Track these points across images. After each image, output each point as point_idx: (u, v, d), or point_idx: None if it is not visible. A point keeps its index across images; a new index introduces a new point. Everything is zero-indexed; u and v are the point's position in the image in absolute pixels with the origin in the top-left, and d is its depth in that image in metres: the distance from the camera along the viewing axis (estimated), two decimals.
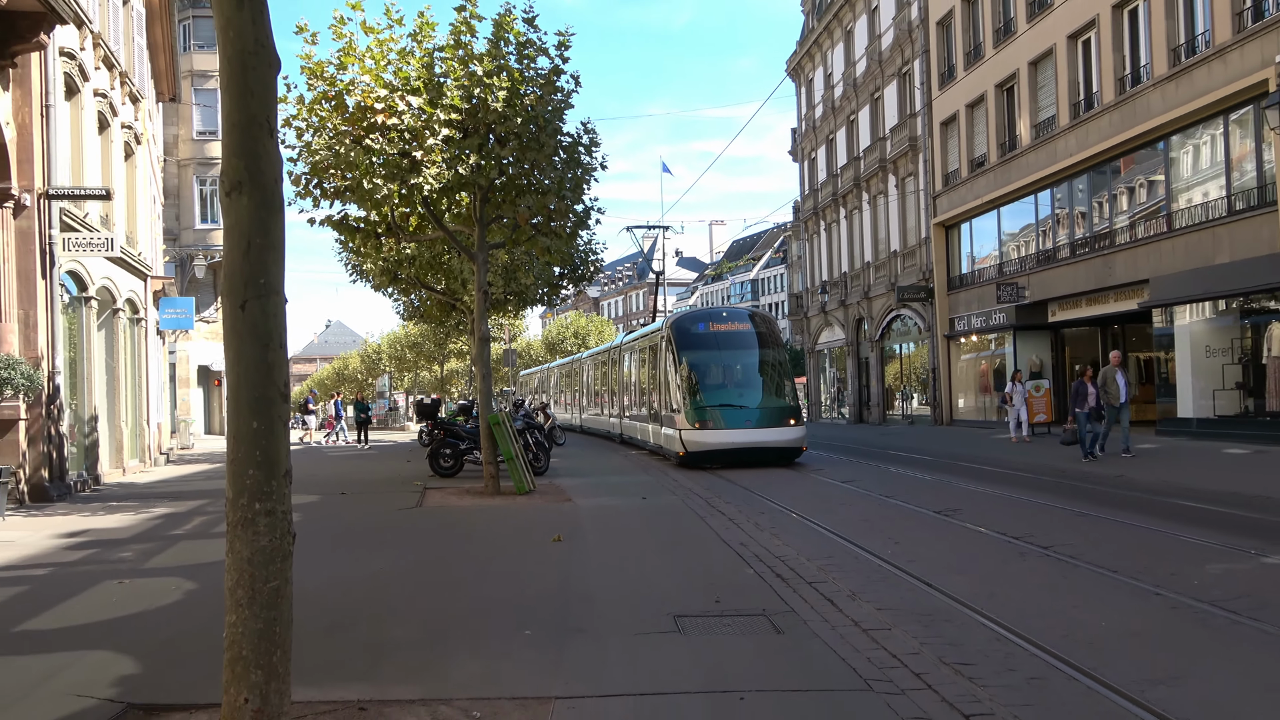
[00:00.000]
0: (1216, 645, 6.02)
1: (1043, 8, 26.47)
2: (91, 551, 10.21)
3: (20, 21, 14.10)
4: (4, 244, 14.90)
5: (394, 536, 10.97)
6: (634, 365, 26.48)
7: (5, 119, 14.71)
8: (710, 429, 18.88)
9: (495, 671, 5.47)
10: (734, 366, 20.59)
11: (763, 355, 20.57)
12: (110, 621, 6.94)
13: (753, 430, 18.84)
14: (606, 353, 32.31)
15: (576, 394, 40.29)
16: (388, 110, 13.36)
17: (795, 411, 19.97)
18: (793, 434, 19.29)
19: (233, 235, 3.56)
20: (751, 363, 20.56)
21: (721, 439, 18.83)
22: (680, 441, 19.29)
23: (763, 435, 18.89)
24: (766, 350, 20.71)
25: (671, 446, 20.14)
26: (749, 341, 20.73)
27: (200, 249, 38.15)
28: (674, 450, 19.82)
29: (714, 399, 19.41)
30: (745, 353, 20.64)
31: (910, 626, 6.47)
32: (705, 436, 18.88)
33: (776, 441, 19.06)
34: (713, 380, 20.22)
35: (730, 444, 18.76)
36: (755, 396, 19.83)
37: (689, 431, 19.00)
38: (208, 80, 38.08)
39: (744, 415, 19.13)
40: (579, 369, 39.77)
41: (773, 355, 20.86)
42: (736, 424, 18.90)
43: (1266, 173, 18.83)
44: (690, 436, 19.01)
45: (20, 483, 14.71)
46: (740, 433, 18.77)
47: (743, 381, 20.31)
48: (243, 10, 3.53)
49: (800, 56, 46.80)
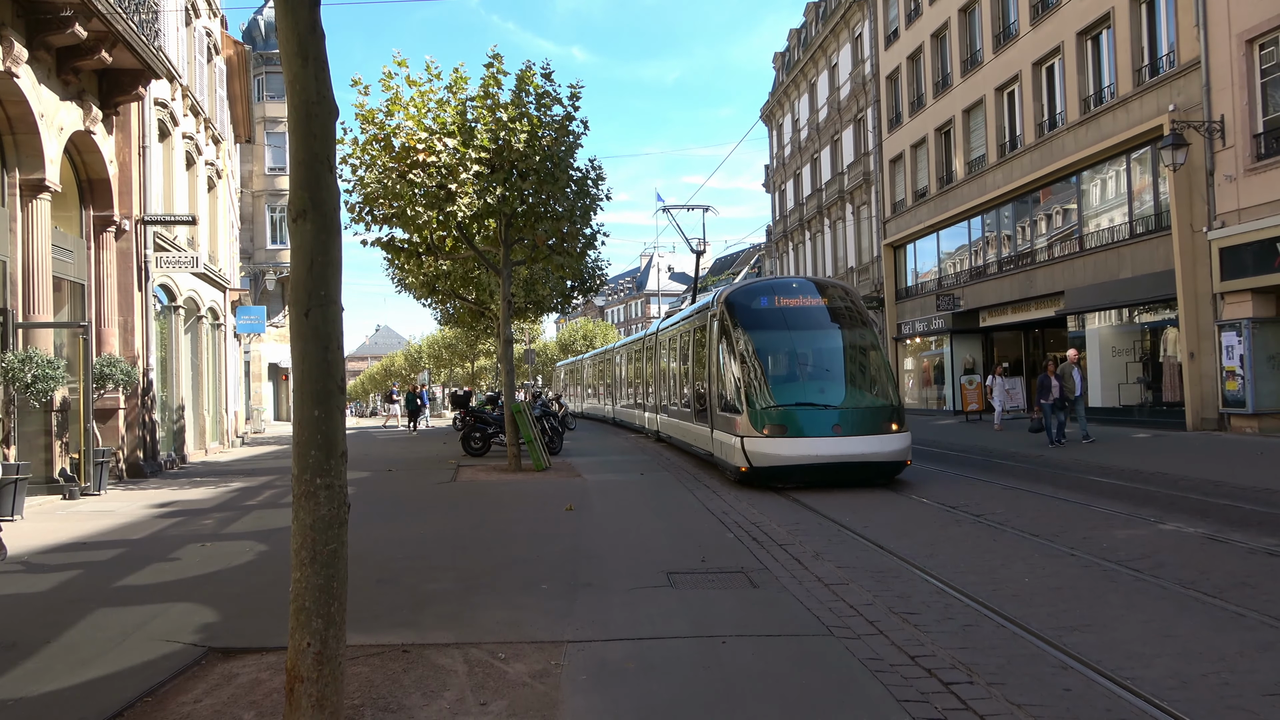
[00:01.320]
0: (1121, 598, 6.02)
1: (974, 65, 26.46)
2: (178, 519, 10.21)
3: (123, 77, 14.11)
4: (107, 262, 14.87)
5: (431, 506, 10.96)
6: (674, 353, 18.76)
7: (109, 158, 14.68)
8: (784, 437, 12.02)
9: (517, 619, 5.45)
10: (811, 353, 13.46)
11: (848, 337, 13.36)
12: (194, 578, 6.93)
13: (843, 439, 11.99)
14: (641, 341, 24.23)
15: (610, 386, 32.12)
16: (428, 150, 13.35)
17: (896, 412, 12.54)
18: (895, 443, 12.17)
19: (298, 255, 3.54)
20: (834, 347, 13.36)
21: (800, 451, 11.93)
22: (742, 453, 12.23)
23: (856, 446, 12.03)
24: (853, 330, 13.44)
25: (729, 458, 12.95)
26: (828, 319, 13.53)
27: (270, 266, 38.11)
28: (732, 464, 12.69)
29: (787, 396, 12.51)
30: (824, 334, 13.45)
31: (865, 582, 6.46)
32: (777, 447, 11.99)
33: (874, 454, 12.06)
34: (784, 371, 13.18)
35: (813, 458, 11.87)
36: (841, 392, 12.80)
37: (755, 440, 12.11)
38: (277, 125, 38.04)
39: (829, 418, 12.16)
40: (612, 359, 31.56)
41: (861, 337, 13.42)
42: (819, 430, 12.02)
43: (1162, 202, 18.83)
44: (756, 447, 12.08)
45: (119, 462, 14.68)
46: (825, 442, 11.94)
47: (824, 373, 13.16)
48: (307, 68, 3.52)
49: (772, 105, 46.74)
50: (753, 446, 12.04)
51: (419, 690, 4.26)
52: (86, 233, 14.58)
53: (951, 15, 27.61)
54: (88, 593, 6.46)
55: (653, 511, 10.03)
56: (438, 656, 4.76)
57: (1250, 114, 16.29)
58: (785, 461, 11.86)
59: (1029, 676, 4.49)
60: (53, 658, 4.88)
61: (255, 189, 38.05)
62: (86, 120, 13.62)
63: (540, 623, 5.37)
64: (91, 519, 10.27)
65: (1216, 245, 16.90)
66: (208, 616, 5.69)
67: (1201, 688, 4.30)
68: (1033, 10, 23.29)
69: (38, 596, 6.43)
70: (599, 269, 25.06)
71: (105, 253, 14.84)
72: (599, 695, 4.17)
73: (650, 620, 5.39)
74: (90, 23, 12.18)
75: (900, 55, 31.38)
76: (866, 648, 4.82)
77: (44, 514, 10.82)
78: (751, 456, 12.05)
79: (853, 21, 35.77)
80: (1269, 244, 15.79)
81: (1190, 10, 17.59)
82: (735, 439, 12.46)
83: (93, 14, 11.99)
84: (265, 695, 4.21)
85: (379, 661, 4.68)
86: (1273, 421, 16.12)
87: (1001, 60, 24.75)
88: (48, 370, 11.35)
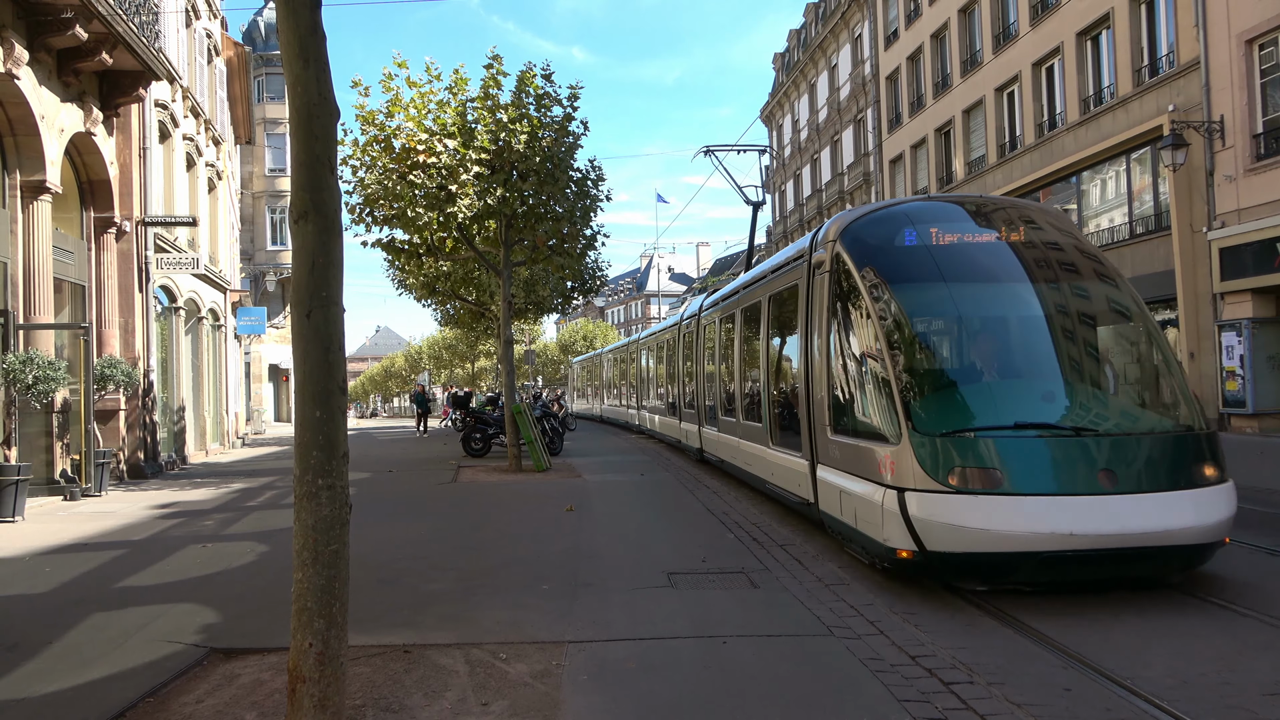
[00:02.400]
0: (1119, 596, 5.99)
1: (974, 65, 26.46)
2: (179, 520, 10.21)
3: (123, 79, 14.13)
4: (108, 263, 14.89)
5: (432, 506, 10.95)
6: (734, 339, 12.22)
7: (110, 159, 14.69)
8: (998, 493, 5.73)
9: (518, 619, 5.45)
10: (1022, 330, 7.00)
11: (1087, 301, 7.22)
12: (195, 579, 6.94)
13: (1118, 501, 5.67)
14: (676, 328, 17.80)
15: (633, 385, 25.95)
16: (428, 151, 13.36)
17: (1205, 444, 6.20)
18: (1213, 506, 5.86)
19: (300, 256, 3.55)
20: (1063, 319, 6.95)
21: (1036, 526, 5.58)
22: (900, 520, 5.99)
23: (1144, 514, 5.63)
24: (1093, 288, 7.22)
25: (862, 523, 6.68)
26: (1043, 267, 7.12)
27: (270, 267, 38.13)
28: (871, 536, 6.48)
29: (995, 411, 6.34)
30: (1041, 294, 6.95)
31: (865, 583, 6.46)
32: (984, 515, 5.67)
33: (1178, 531, 5.64)
34: (977, 364, 6.93)
35: (1063, 540, 5.55)
36: (1097, 405, 6.61)
37: (930, 500, 5.85)
38: (278, 126, 38.07)
39: (1084, 458, 5.88)
40: (634, 354, 25.70)
41: (1111, 301, 7.25)
42: (1070, 481, 5.77)
43: (1161, 202, 18.83)
44: (934, 511, 5.81)
45: (120, 463, 14.69)
46: (1085, 508, 5.62)
47: (1052, 367, 6.77)
48: (308, 70, 3.53)
49: (772, 106, 46.75)
50: (926, 510, 5.82)
51: (421, 690, 4.27)
52: (87, 234, 14.59)
53: (951, 16, 27.62)
54: (89, 593, 6.47)
55: (653, 512, 10.02)
56: (439, 657, 4.77)
57: (1250, 114, 16.30)
58: (1002, 545, 5.63)
59: (1030, 676, 4.49)
60: (55, 658, 4.89)
61: (255, 190, 38.06)
62: (87, 122, 13.63)
63: (541, 623, 5.38)
64: (93, 520, 10.28)
65: (1216, 245, 16.90)
66: (209, 617, 5.69)
67: (1201, 687, 4.31)
68: (1032, 10, 23.30)
69: (39, 597, 6.43)
70: (599, 269, 25.05)
71: (106, 254, 14.85)
72: (600, 695, 4.18)
73: (651, 620, 5.40)
74: (91, 24, 12.19)
75: (900, 56, 31.39)
76: (867, 648, 4.83)
77: (45, 515, 10.83)
78: (924, 529, 5.83)
79: (852, 22, 35.79)
80: (1269, 244, 15.80)
81: (1190, 10, 17.60)
82: (878, 490, 6.28)
83: (93, 16, 12.01)
84: (267, 696, 4.22)
85: (380, 662, 4.68)
86: (1273, 421, 16.12)
87: (1001, 60, 24.76)
88: (49, 372, 11.36)
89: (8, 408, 11.47)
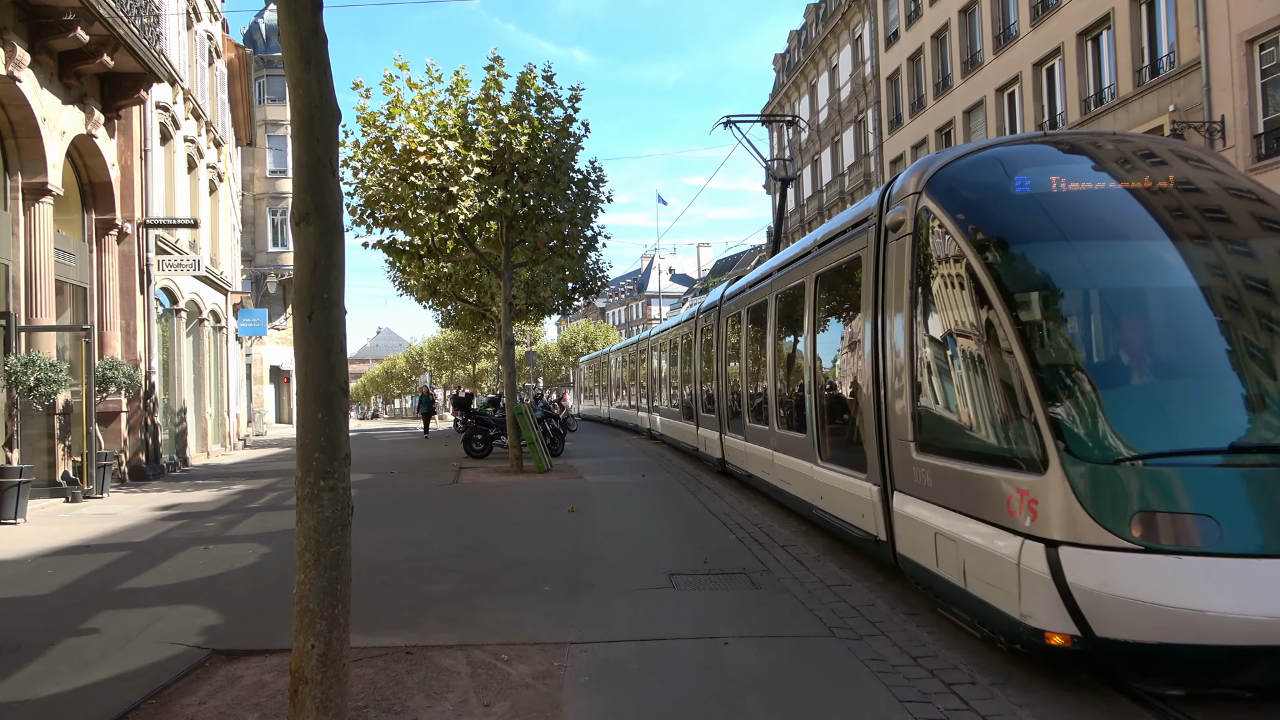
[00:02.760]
0: None
1: (974, 66, 26.48)
2: (181, 522, 10.22)
3: (124, 81, 14.15)
4: (109, 265, 14.91)
5: (434, 508, 10.95)
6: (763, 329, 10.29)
7: (111, 161, 14.71)
8: (1211, 558, 3.63)
9: (519, 620, 5.45)
10: (1210, 309, 4.54)
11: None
12: (197, 580, 6.94)
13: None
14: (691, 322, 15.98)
15: (643, 386, 23.75)
16: (429, 153, 13.37)
17: None
18: None
19: (301, 258, 3.56)
20: (1247, 302, 4.54)
21: (1270, 608, 3.49)
22: (1057, 591, 3.88)
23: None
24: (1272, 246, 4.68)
25: (996, 586, 4.33)
26: (1218, 221, 4.81)
27: (272, 269, 38.18)
28: (1008, 607, 4.20)
29: (1194, 426, 4.13)
30: (1223, 258, 4.63)
31: (867, 583, 6.46)
32: (1193, 590, 3.58)
33: None
34: (1159, 356, 4.52)
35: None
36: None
37: (1101, 561, 3.79)
38: (279, 128, 38.11)
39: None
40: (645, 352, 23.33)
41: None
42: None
43: None
44: (1110, 578, 3.73)
45: (122, 464, 14.70)
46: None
47: (1269, 362, 4.33)
48: (310, 72, 3.53)
49: (772, 107, 46.76)
50: (1096, 576, 3.85)
51: (422, 692, 4.27)
52: (88, 236, 14.61)
53: (952, 16, 27.64)
54: (92, 595, 6.48)
55: (654, 513, 10.02)
56: (441, 658, 4.77)
57: (1250, 114, 16.30)
58: (1224, 635, 3.62)
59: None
60: (57, 660, 4.90)
61: (256, 192, 38.10)
62: (88, 124, 13.65)
63: (543, 624, 5.38)
64: (94, 522, 10.29)
65: None
66: (211, 619, 5.70)
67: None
68: (1033, 11, 23.32)
69: (42, 599, 6.44)
70: (600, 271, 25.03)
71: (107, 256, 14.87)
72: (602, 696, 4.18)
73: (652, 621, 5.40)
74: (92, 27, 12.21)
75: (900, 56, 31.41)
76: (869, 648, 4.83)
77: (47, 517, 10.84)
78: (1091, 606, 3.85)
79: (852, 22, 35.82)
80: None
81: (1190, 11, 17.60)
82: (1009, 541, 4.34)
83: (94, 18, 12.03)
84: (269, 697, 4.23)
85: (382, 663, 4.69)
86: None
87: (1002, 61, 24.78)
88: (50, 374, 11.37)
89: (10, 410, 11.48)
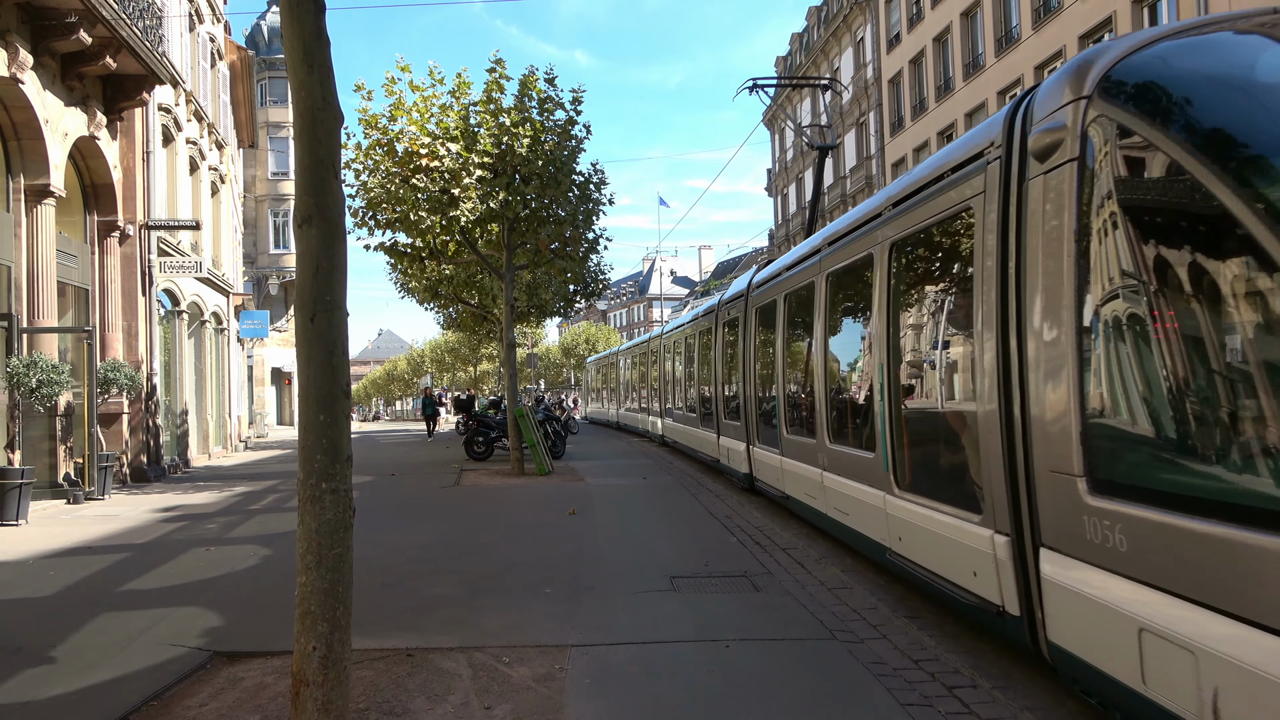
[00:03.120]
0: None
1: (976, 69, 26.49)
2: (183, 524, 10.22)
3: (126, 83, 14.18)
4: (111, 267, 14.93)
5: (435, 510, 10.95)
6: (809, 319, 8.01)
7: (114, 163, 14.74)
8: None
9: (521, 623, 5.46)
10: None
11: None
12: (199, 582, 6.94)
13: None
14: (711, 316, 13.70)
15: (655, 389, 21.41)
16: (431, 155, 13.39)
17: None
18: None
19: (304, 260, 3.56)
20: None
21: None
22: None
23: None
24: None
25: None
26: None
27: (273, 270, 38.21)
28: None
29: None
30: None
31: (868, 586, 6.46)
32: None
33: None
34: None
35: None
36: None
37: None
38: (280, 130, 38.16)
39: None
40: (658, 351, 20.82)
41: None
42: None
43: None
44: None
45: (123, 466, 14.72)
46: None
47: None
48: (312, 74, 3.54)
49: (774, 109, 46.75)
50: None
51: (423, 694, 4.27)
52: (90, 238, 14.63)
53: (953, 19, 27.67)
54: (93, 597, 6.48)
55: (656, 516, 10.02)
56: (442, 660, 4.77)
57: None
58: None
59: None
60: (59, 662, 4.90)
61: (258, 193, 38.15)
62: (91, 126, 13.67)
63: (544, 626, 5.38)
64: (96, 523, 10.30)
65: None
66: (212, 620, 5.70)
67: None
68: (1035, 14, 23.33)
69: (43, 600, 6.45)
70: (602, 273, 25.06)
71: (109, 258, 14.89)
72: (603, 699, 4.18)
73: (654, 624, 5.40)
74: (95, 29, 12.24)
75: (902, 59, 31.43)
76: (870, 651, 4.83)
77: (48, 518, 10.85)
78: None
79: (854, 25, 35.84)
80: None
81: (1192, 12, 17.61)
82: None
83: (97, 20, 12.06)
84: (270, 699, 4.23)
85: (384, 665, 4.69)
86: None
87: (1004, 64, 24.79)
88: (52, 375, 11.39)
89: (11, 411, 11.50)
